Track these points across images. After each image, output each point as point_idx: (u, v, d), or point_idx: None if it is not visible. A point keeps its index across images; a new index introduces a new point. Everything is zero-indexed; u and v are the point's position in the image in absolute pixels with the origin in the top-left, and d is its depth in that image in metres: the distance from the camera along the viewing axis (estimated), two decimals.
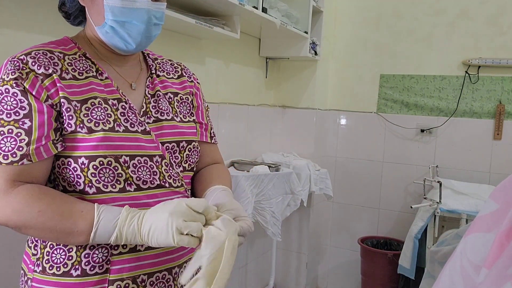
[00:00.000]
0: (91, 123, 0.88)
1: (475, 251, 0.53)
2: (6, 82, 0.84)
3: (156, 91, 1.03)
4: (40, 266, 0.89)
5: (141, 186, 0.92)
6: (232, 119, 2.46)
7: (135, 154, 0.91)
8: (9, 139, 0.82)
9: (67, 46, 0.95)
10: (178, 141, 1.01)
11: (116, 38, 0.93)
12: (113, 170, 0.89)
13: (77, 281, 0.88)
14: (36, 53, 0.88)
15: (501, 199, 0.54)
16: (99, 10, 0.91)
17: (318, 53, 2.78)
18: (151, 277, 0.93)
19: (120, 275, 0.90)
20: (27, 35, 1.33)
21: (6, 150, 0.82)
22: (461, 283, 0.53)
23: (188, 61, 2.07)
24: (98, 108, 0.90)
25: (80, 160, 0.87)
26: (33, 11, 1.34)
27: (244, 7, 1.88)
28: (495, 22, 2.72)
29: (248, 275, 2.70)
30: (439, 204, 2.29)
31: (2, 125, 0.82)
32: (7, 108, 0.83)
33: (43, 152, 0.85)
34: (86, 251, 0.89)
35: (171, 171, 0.98)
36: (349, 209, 3.20)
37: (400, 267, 2.48)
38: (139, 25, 0.92)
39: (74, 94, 0.89)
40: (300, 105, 2.95)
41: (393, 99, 3.02)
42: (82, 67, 0.93)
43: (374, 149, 3.10)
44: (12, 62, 0.86)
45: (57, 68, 0.89)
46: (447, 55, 2.85)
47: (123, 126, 0.92)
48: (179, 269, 0.99)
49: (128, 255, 0.91)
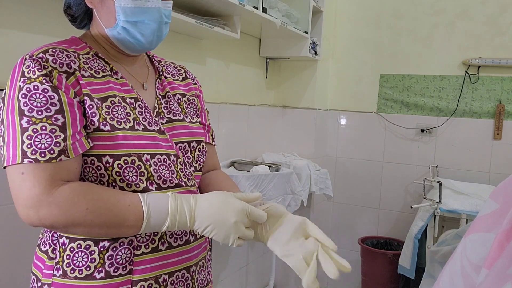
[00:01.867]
0: (114, 121, 0.88)
1: (475, 251, 0.53)
2: (34, 79, 0.82)
3: (166, 92, 1.04)
4: (60, 270, 0.87)
5: (161, 185, 0.93)
6: (233, 119, 2.46)
7: (155, 153, 0.92)
8: (43, 136, 0.80)
9: (78, 46, 0.94)
10: (189, 141, 1.02)
11: (129, 38, 0.93)
12: (136, 168, 0.89)
13: (101, 283, 0.87)
14: (54, 51, 0.87)
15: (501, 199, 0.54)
16: (109, 11, 0.92)
17: (318, 53, 2.78)
18: (172, 276, 0.94)
19: (143, 276, 0.90)
20: (28, 36, 1.33)
21: (43, 148, 0.79)
22: (461, 283, 0.53)
23: (188, 61, 2.07)
24: (118, 106, 0.90)
25: (104, 159, 0.86)
26: (33, 11, 1.34)
27: (244, 7, 1.88)
28: (495, 22, 2.72)
29: (248, 275, 2.70)
30: (439, 204, 2.29)
31: (34, 122, 0.80)
32: (37, 105, 0.80)
33: (78, 147, 0.83)
34: (109, 252, 0.88)
35: (186, 170, 0.99)
36: (349, 209, 3.20)
37: (400, 267, 2.48)
38: (151, 24, 0.93)
39: (94, 91, 0.88)
40: (300, 105, 2.95)
41: (393, 99, 3.02)
42: (97, 66, 0.93)
43: (374, 149, 3.10)
44: (32, 60, 0.83)
45: (75, 66, 0.88)
46: (447, 55, 2.85)
47: (142, 125, 0.92)
48: (195, 268, 1.01)
49: (150, 255, 0.91)
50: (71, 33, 1.01)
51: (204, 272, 1.06)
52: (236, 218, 0.83)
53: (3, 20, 1.26)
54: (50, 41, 0.95)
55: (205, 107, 1.18)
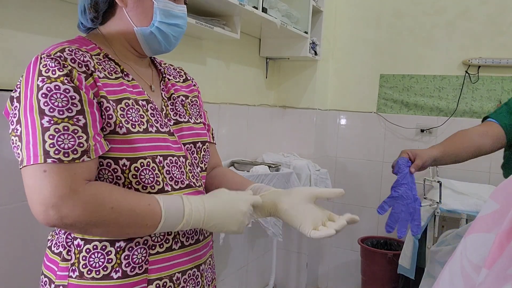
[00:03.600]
0: (128, 124, 0.88)
1: (475, 251, 0.53)
2: (54, 79, 0.81)
3: (171, 94, 1.05)
4: (76, 271, 0.87)
5: (174, 187, 0.94)
6: (233, 119, 2.46)
7: (167, 155, 0.94)
8: (66, 136, 0.79)
9: (88, 46, 0.93)
10: (195, 142, 1.04)
11: (160, 38, 0.97)
12: (151, 170, 0.90)
13: (118, 283, 0.87)
14: (70, 50, 0.86)
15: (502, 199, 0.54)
16: (146, 11, 0.95)
17: (318, 53, 2.78)
18: (184, 275, 0.96)
19: (159, 274, 0.92)
20: (28, 36, 1.33)
21: (66, 148, 0.79)
22: (461, 283, 0.53)
23: (188, 61, 2.07)
24: (132, 109, 0.91)
25: (121, 162, 0.87)
26: (33, 11, 1.34)
27: (244, 7, 1.88)
28: (495, 22, 2.72)
29: (248, 275, 2.70)
30: (439, 204, 2.28)
31: (56, 122, 0.79)
32: (58, 105, 0.80)
33: (99, 148, 0.83)
34: (125, 252, 0.88)
35: (194, 171, 1.01)
36: (349, 209, 3.17)
37: (400, 267, 2.48)
38: (181, 27, 1.00)
39: (110, 93, 0.88)
40: (300, 105, 2.95)
41: (393, 99, 3.02)
42: (109, 67, 0.92)
43: (374, 149, 3.10)
44: (51, 59, 0.82)
45: (92, 67, 0.87)
46: (447, 55, 2.85)
47: (155, 127, 0.93)
48: (204, 266, 1.03)
49: (165, 254, 0.93)
50: (73, 34, 1.01)
51: (210, 270, 1.08)
52: (247, 208, 0.93)
53: (3, 20, 1.26)
54: (52, 42, 0.95)
55: (203, 106, 1.20)
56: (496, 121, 1.49)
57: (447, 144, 1.43)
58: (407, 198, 1.22)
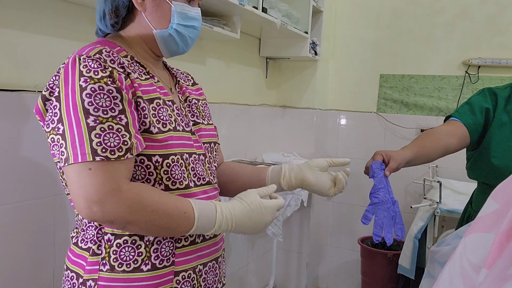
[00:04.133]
0: (160, 124, 0.93)
1: (475, 251, 0.53)
2: (97, 79, 0.84)
3: (187, 96, 1.11)
4: (107, 265, 0.91)
5: (197, 183, 1.00)
6: (233, 119, 2.46)
7: (192, 152, 0.99)
8: (111, 135, 0.83)
9: (115, 49, 0.95)
10: (210, 142, 1.10)
11: (177, 40, 1.01)
12: (180, 167, 0.95)
13: (148, 275, 0.92)
14: (107, 51, 0.89)
15: (501, 199, 0.54)
16: (165, 14, 0.99)
17: (318, 53, 2.78)
18: (205, 267, 1.02)
19: (184, 266, 0.97)
20: (30, 36, 1.33)
21: (112, 146, 0.82)
22: (461, 283, 0.53)
23: (188, 61, 2.07)
24: (162, 108, 0.95)
25: (154, 158, 0.91)
26: (35, 12, 1.34)
27: (244, 7, 1.88)
28: (495, 22, 2.72)
29: (248, 275, 2.70)
30: (439, 204, 2.29)
31: (101, 121, 0.82)
32: (102, 105, 0.83)
33: (139, 146, 0.88)
34: (154, 246, 0.93)
35: (212, 168, 1.08)
36: (349, 209, 3.20)
37: (400, 267, 2.49)
38: (197, 29, 1.05)
39: (144, 93, 0.93)
40: (301, 105, 2.95)
41: (393, 99, 3.02)
42: (138, 69, 0.96)
43: (374, 149, 3.06)
44: (92, 60, 0.85)
45: (126, 68, 0.91)
46: (447, 55, 2.85)
47: (181, 126, 0.99)
48: (221, 258, 1.09)
49: (189, 247, 0.98)
50: (73, 34, 1.01)
51: (224, 262, 1.14)
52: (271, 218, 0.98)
53: (4, 20, 1.26)
54: (52, 42, 0.95)
55: None
56: (460, 120, 1.48)
57: (419, 145, 1.42)
58: (386, 202, 1.22)
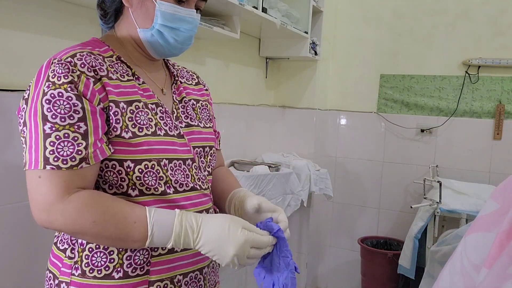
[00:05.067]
0: (135, 128, 0.89)
1: (475, 251, 0.53)
2: (58, 85, 0.82)
3: (182, 97, 1.06)
4: (79, 270, 0.88)
5: (178, 189, 0.94)
6: (232, 119, 2.46)
7: (173, 158, 0.94)
8: (66, 144, 0.81)
9: (101, 48, 0.93)
10: (204, 146, 1.04)
11: (161, 41, 0.95)
12: (155, 173, 0.90)
13: (119, 283, 0.88)
14: (81, 55, 0.86)
15: (502, 199, 0.54)
16: (148, 13, 0.93)
17: (318, 53, 2.78)
18: (186, 277, 0.96)
19: (159, 276, 0.92)
20: (29, 36, 1.32)
21: (65, 155, 0.80)
22: (461, 282, 0.53)
23: (188, 61, 2.07)
24: (141, 111, 0.91)
25: (125, 164, 0.88)
26: (33, 11, 1.34)
27: (244, 7, 1.88)
28: (495, 22, 2.72)
29: (248, 275, 2.70)
30: (439, 204, 2.28)
31: (57, 129, 0.80)
32: (60, 112, 0.81)
33: (99, 154, 0.84)
34: (127, 253, 0.89)
35: (200, 174, 1.01)
36: (349, 209, 3.20)
37: (400, 267, 2.48)
38: (185, 33, 0.97)
39: (121, 94, 0.89)
40: (300, 105, 2.95)
41: (393, 99, 3.02)
42: (121, 70, 0.93)
43: (374, 149, 3.10)
44: (60, 64, 0.83)
45: (103, 69, 0.88)
46: (447, 55, 2.85)
47: (164, 130, 0.94)
48: (207, 269, 1.03)
49: (166, 256, 0.93)
50: (72, 34, 1.00)
51: (214, 273, 1.08)
52: (236, 252, 0.84)
53: (3, 20, 1.26)
54: (51, 42, 0.95)
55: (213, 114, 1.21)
56: None
57: None
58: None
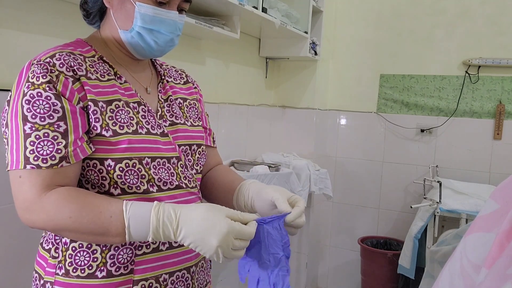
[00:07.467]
0: (116, 126, 0.89)
1: (475, 251, 0.53)
2: (37, 85, 0.83)
3: (168, 96, 1.06)
4: (62, 269, 0.88)
5: (162, 187, 0.94)
6: (232, 119, 2.46)
7: (156, 156, 0.94)
8: (46, 143, 0.82)
9: (84, 49, 0.94)
10: (190, 144, 1.04)
11: (141, 43, 0.95)
12: (137, 171, 0.90)
13: (103, 282, 0.88)
14: (60, 55, 0.87)
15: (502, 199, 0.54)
16: (128, 15, 0.93)
17: (318, 53, 2.78)
18: (172, 276, 0.96)
19: (144, 275, 0.91)
20: (29, 36, 1.32)
21: (45, 154, 0.81)
22: (461, 283, 0.53)
23: (188, 61, 2.07)
24: (122, 110, 0.91)
25: (106, 162, 0.88)
26: (32, 11, 1.34)
27: (244, 7, 1.88)
28: (495, 22, 2.72)
29: None
30: (439, 204, 2.29)
31: (37, 129, 0.81)
32: (40, 112, 0.82)
33: (79, 153, 0.85)
34: (111, 252, 0.89)
35: (186, 172, 1.01)
36: (349, 209, 3.20)
37: (400, 267, 2.48)
38: (166, 34, 0.96)
39: (100, 94, 0.89)
40: (300, 105, 2.95)
41: (393, 99, 3.02)
42: (102, 69, 0.93)
43: (374, 149, 3.09)
44: (39, 65, 0.84)
45: (82, 69, 0.89)
46: (447, 55, 2.85)
47: (145, 129, 0.94)
48: (196, 268, 1.02)
49: (151, 255, 0.92)
50: (72, 34, 1.01)
51: (204, 273, 1.07)
52: (219, 243, 0.79)
53: (4, 20, 1.26)
54: (51, 42, 0.95)
55: (205, 110, 1.20)
56: None
57: None
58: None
